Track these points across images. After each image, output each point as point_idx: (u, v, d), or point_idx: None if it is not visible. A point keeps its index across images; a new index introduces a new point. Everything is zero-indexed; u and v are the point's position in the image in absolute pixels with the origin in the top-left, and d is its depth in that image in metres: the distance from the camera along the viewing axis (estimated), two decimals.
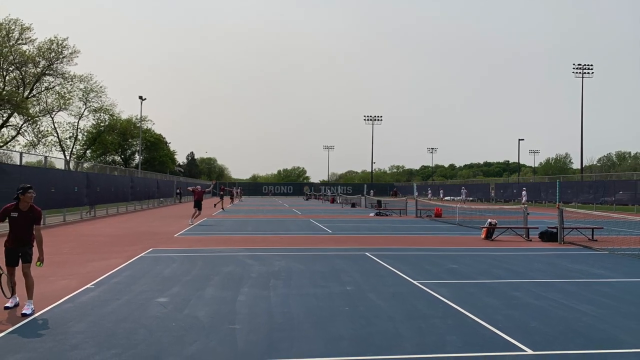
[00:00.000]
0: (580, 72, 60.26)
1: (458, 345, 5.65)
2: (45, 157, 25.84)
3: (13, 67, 49.15)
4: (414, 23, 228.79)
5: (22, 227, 6.98)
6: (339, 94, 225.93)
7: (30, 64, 49.77)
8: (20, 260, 7.00)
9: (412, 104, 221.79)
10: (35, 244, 7.09)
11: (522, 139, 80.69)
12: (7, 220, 7.02)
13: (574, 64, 60.52)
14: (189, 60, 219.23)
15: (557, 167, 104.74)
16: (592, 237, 16.90)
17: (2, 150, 43.32)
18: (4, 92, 47.34)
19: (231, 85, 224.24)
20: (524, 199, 43.07)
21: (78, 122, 59.98)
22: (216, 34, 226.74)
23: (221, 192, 40.02)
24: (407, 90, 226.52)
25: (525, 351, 5.46)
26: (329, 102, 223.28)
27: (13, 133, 50.91)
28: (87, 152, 64.11)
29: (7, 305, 7.06)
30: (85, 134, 62.81)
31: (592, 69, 60.43)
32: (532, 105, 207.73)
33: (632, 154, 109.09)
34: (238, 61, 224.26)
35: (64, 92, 54.76)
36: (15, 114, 48.66)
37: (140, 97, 52.72)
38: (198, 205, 24.66)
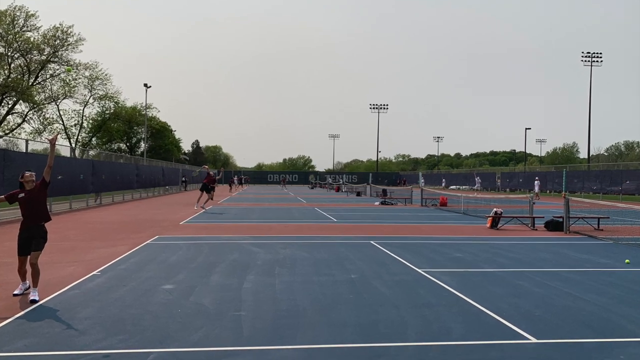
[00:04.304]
0: (589, 61, 59.64)
1: (462, 333, 5.68)
2: None
3: (18, 54, 49.12)
4: (421, 10, 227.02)
5: (34, 201, 7.10)
6: (344, 82, 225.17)
7: (35, 51, 49.75)
8: (31, 249, 7.05)
9: (419, 92, 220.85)
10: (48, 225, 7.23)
11: (529, 128, 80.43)
12: (18, 205, 7.12)
13: (582, 52, 60.00)
14: (194, 49, 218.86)
15: (564, 156, 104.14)
16: (598, 226, 16.86)
17: (8, 138, 43.54)
18: (9, 80, 47.44)
19: (236, 73, 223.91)
20: (536, 188, 41.69)
21: (83, 110, 60.04)
22: (220, 23, 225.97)
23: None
24: (413, 79, 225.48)
25: (529, 339, 5.49)
26: (335, 90, 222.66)
27: (19, 120, 51.09)
28: (93, 139, 64.23)
29: (15, 292, 7.14)
30: (91, 121, 62.88)
31: (601, 57, 59.76)
32: (539, 93, 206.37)
33: None
34: (242, 49, 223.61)
35: (69, 80, 54.81)
36: (21, 101, 48.78)
37: (145, 85, 52.67)
38: (205, 189, 24.36)
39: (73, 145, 56.77)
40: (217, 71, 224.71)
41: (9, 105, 49.16)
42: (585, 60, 59.84)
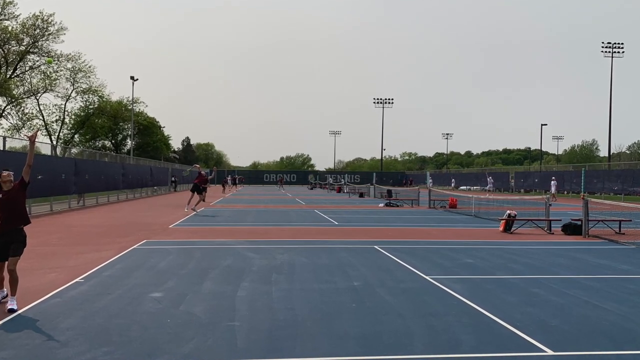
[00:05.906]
0: (609, 51, 59.68)
1: (473, 345, 5.69)
2: None
3: None
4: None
5: (12, 202, 7.10)
6: (346, 75, 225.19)
7: (14, 42, 49.80)
8: (9, 254, 7.05)
9: (426, 86, 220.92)
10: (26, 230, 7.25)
11: (545, 124, 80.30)
12: None
13: (602, 42, 59.97)
14: (185, 40, 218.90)
15: (583, 154, 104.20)
16: (619, 230, 16.88)
17: None
18: None
19: (231, 66, 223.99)
20: (553, 189, 41.59)
21: (65, 105, 60.14)
22: (214, 12, 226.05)
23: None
24: (420, 72, 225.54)
25: (546, 352, 5.50)
26: (336, 84, 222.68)
27: None
28: (75, 136, 64.29)
29: None
30: (73, 117, 62.93)
31: (622, 48, 59.83)
32: (556, 87, 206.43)
33: None
34: (237, 40, 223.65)
35: (50, 72, 54.81)
36: None
37: (132, 78, 52.69)
38: (197, 190, 24.38)
39: (54, 142, 56.83)
40: (210, 64, 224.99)
41: None
42: (606, 51, 59.92)
